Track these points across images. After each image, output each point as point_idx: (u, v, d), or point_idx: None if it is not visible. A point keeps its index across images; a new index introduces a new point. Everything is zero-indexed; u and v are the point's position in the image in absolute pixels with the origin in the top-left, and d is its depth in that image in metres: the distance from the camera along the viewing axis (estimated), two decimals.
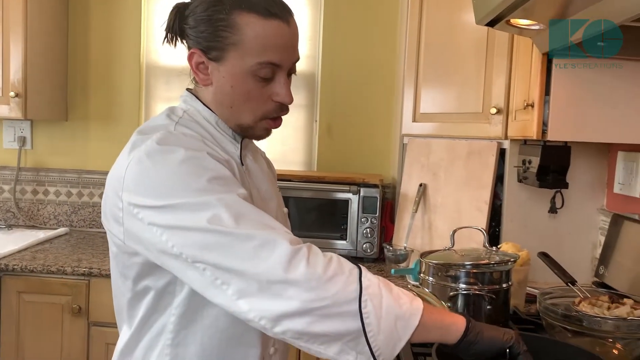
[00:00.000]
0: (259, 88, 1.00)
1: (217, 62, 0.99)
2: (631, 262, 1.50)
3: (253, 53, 0.97)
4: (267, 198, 1.12)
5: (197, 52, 1.00)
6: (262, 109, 1.02)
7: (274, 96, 1.01)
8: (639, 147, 1.68)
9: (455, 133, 2.13)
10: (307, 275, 0.83)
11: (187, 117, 1.03)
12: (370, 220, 2.33)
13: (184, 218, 0.86)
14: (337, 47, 2.69)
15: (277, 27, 0.97)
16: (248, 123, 1.03)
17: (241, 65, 0.98)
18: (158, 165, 0.90)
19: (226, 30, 0.96)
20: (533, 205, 1.95)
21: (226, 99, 1.02)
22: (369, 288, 0.86)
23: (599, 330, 1.18)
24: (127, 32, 2.73)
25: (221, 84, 1.01)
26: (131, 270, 0.98)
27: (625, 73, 1.54)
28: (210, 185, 0.89)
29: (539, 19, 1.35)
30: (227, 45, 0.97)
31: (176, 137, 0.95)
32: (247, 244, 0.85)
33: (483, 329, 0.93)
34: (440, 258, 1.38)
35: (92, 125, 2.76)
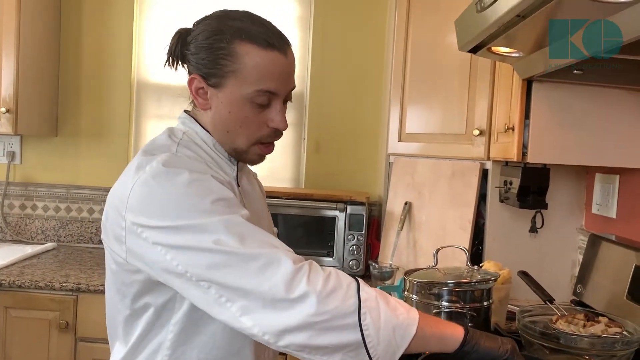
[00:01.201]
0: (255, 114, 1.04)
1: (216, 88, 1.04)
2: (607, 281, 1.55)
3: (251, 81, 1.01)
4: (260, 218, 1.16)
5: (198, 77, 1.04)
6: (256, 134, 1.06)
7: (269, 122, 1.06)
8: (615, 169, 1.75)
9: (439, 153, 2.18)
10: (308, 291, 0.87)
11: (187, 139, 1.07)
12: (357, 238, 2.37)
13: (190, 238, 0.90)
14: (325, 67, 2.75)
15: (275, 57, 1.02)
16: (242, 147, 1.08)
17: (239, 92, 1.02)
18: (164, 186, 0.94)
19: (226, 58, 1.01)
20: (514, 225, 2.00)
21: (223, 124, 1.06)
22: (367, 301, 0.90)
23: (575, 347, 1.22)
24: (119, 48, 2.76)
25: (219, 109, 1.05)
26: (131, 287, 1.00)
27: (602, 99, 1.60)
28: (214, 206, 0.92)
29: (519, 47, 1.41)
30: (227, 73, 1.02)
31: (180, 160, 0.99)
32: (253, 264, 0.89)
33: (480, 340, 0.97)
34: (424, 276, 1.42)
35: (82, 141, 2.78)
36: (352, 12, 2.74)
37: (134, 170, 0.97)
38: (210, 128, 1.08)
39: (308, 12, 2.78)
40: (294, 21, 2.79)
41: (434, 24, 2.18)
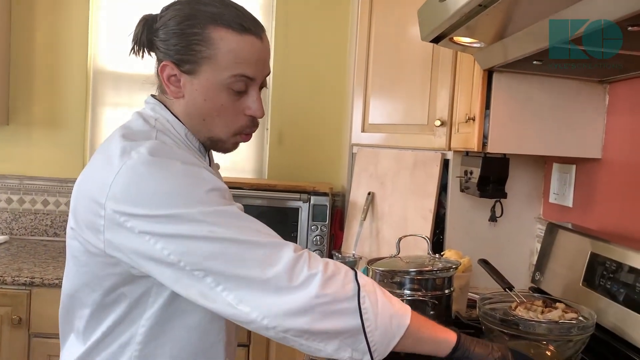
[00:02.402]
0: (232, 102, 1.01)
1: (190, 75, 1.00)
2: (564, 268, 1.59)
3: (227, 66, 0.98)
4: None
5: (170, 64, 1.00)
6: (235, 123, 1.03)
7: (246, 110, 1.03)
8: (572, 159, 1.79)
9: (401, 144, 2.19)
10: (309, 276, 0.88)
11: (160, 126, 1.03)
12: (320, 228, 2.36)
13: (185, 228, 0.87)
14: (288, 57, 2.72)
15: (251, 42, 1.00)
16: (220, 137, 1.05)
17: (215, 79, 0.99)
18: (155, 175, 0.89)
19: (200, 44, 0.97)
20: (475, 214, 2.03)
21: (199, 112, 1.02)
22: (365, 286, 0.92)
23: (533, 333, 1.24)
24: (74, 35, 2.67)
25: (194, 97, 1.01)
26: (105, 280, 0.95)
27: (560, 90, 1.64)
28: (208, 196, 0.90)
29: (481, 37, 1.43)
30: (201, 59, 0.98)
31: (167, 147, 0.95)
32: (253, 252, 0.88)
33: (472, 346, 0.98)
34: (386, 265, 1.42)
35: (35, 130, 2.68)
36: (315, 1, 2.72)
37: (119, 156, 0.91)
38: (183, 117, 1.04)
39: (271, 0, 2.74)
40: (257, 9, 2.75)
41: (397, 14, 2.18)
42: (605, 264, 1.39)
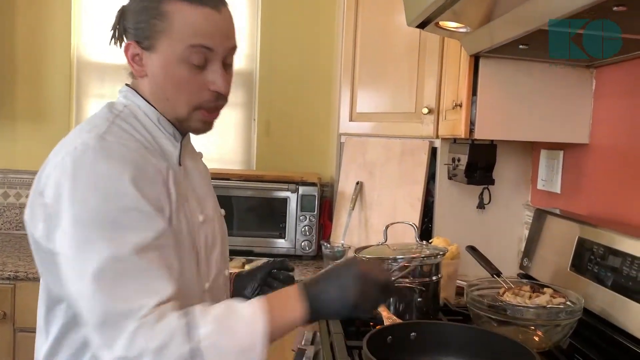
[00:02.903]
0: (192, 76, 0.99)
1: (149, 51, 0.99)
2: (552, 254, 1.58)
3: (182, 38, 0.96)
4: (204, 199, 1.11)
5: (132, 43, 1.00)
6: (196, 98, 1.00)
7: (209, 85, 1.00)
8: (559, 145, 1.78)
9: (389, 132, 2.18)
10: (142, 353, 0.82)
11: (127, 112, 1.01)
12: (309, 219, 2.35)
13: (80, 242, 0.86)
14: (275, 46, 2.70)
15: (206, 13, 0.98)
16: (183, 114, 1.02)
17: (172, 52, 0.97)
18: (76, 176, 0.88)
19: (156, 18, 0.97)
20: (463, 202, 2.02)
21: (161, 90, 1.01)
22: (203, 341, 0.84)
23: (521, 318, 1.24)
24: (57, 25, 2.62)
25: (155, 73, 1.00)
26: (50, 273, 0.94)
27: (547, 75, 1.62)
28: (119, 216, 0.86)
29: (467, 21, 1.41)
30: (157, 33, 0.97)
31: (107, 145, 0.91)
32: (95, 311, 0.84)
33: (324, 305, 0.94)
34: (373, 252, 1.41)
35: (19, 123, 2.63)
36: None
37: (59, 147, 0.93)
38: (151, 99, 1.02)
39: None
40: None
41: (384, 3, 2.16)
42: (593, 249, 1.39)
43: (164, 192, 0.94)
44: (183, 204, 1.00)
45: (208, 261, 1.07)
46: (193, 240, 1.02)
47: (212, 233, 1.09)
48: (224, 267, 1.16)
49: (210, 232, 1.08)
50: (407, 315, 1.35)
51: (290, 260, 2.30)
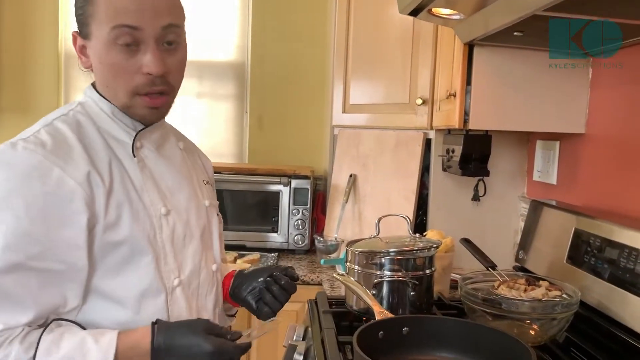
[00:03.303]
0: (124, 60, 0.94)
1: (87, 39, 0.97)
2: (548, 246, 1.55)
3: (107, 19, 0.92)
4: (174, 190, 1.06)
5: (76, 35, 0.98)
6: (131, 83, 0.96)
7: (143, 68, 0.95)
8: (555, 135, 1.75)
9: (383, 124, 2.14)
10: None
11: (79, 110, 1.00)
12: (302, 212, 2.32)
13: None
14: (266, 37, 2.65)
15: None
16: (124, 101, 0.98)
17: (101, 36, 0.94)
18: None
19: (86, 4, 0.94)
20: (457, 194, 1.99)
21: (102, 78, 0.99)
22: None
23: (516, 312, 1.21)
24: (44, 17, 2.58)
25: (95, 62, 0.98)
26: None
27: (542, 63, 1.59)
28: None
29: (460, 8, 1.37)
30: (87, 18, 0.95)
31: (11, 155, 0.89)
32: None
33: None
34: (366, 246, 1.38)
35: (4, 117, 2.59)
36: None
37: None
38: (101, 91, 1.00)
39: None
40: None
41: None
42: (590, 241, 1.36)
43: (74, 201, 0.90)
44: (131, 196, 0.97)
45: (180, 255, 1.03)
46: (151, 233, 0.98)
47: (184, 225, 1.05)
48: (208, 261, 1.11)
49: (180, 224, 1.04)
50: (400, 310, 1.31)
51: (283, 255, 2.30)
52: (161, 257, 0.99)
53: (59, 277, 0.89)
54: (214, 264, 1.14)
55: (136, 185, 0.99)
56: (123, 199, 0.96)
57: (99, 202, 0.92)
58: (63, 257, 0.89)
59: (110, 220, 0.93)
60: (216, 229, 1.18)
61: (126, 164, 0.99)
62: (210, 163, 1.29)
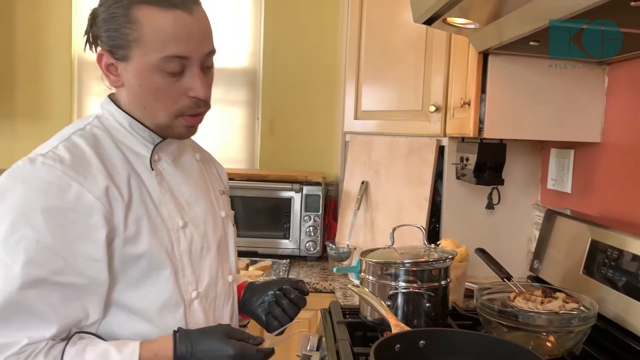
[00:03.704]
0: (169, 84, 0.95)
1: (124, 61, 0.95)
2: (563, 256, 1.54)
3: (156, 47, 0.92)
4: (191, 202, 1.07)
5: (105, 53, 0.96)
6: (175, 106, 0.97)
7: (188, 91, 0.96)
8: (570, 144, 1.74)
9: (395, 130, 2.14)
10: None
11: (96, 123, 1.00)
12: (313, 219, 2.31)
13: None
14: (278, 44, 2.66)
15: (177, 17, 0.92)
16: (165, 122, 0.99)
17: (146, 62, 0.93)
18: (1, 195, 0.89)
19: (127, 27, 0.92)
20: (471, 202, 1.98)
21: (138, 99, 0.98)
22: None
23: (533, 324, 1.20)
24: (57, 23, 2.59)
25: (131, 84, 0.97)
26: None
27: (557, 73, 1.58)
28: (20, 245, 0.86)
29: (475, 18, 1.37)
30: (130, 42, 0.93)
31: (31, 171, 0.90)
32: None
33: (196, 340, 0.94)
34: (380, 256, 1.37)
35: (18, 122, 2.61)
36: None
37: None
38: (128, 107, 1.00)
39: None
40: None
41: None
42: (607, 252, 1.35)
43: (92, 216, 0.90)
44: (149, 210, 0.97)
45: (197, 267, 1.04)
46: (169, 246, 0.98)
47: (202, 237, 1.06)
48: (224, 273, 1.12)
49: (197, 237, 1.05)
50: (415, 321, 1.31)
51: (294, 262, 2.30)
52: (179, 270, 1.00)
53: (80, 291, 0.90)
54: (229, 275, 1.14)
55: (154, 198, 0.99)
56: (142, 212, 0.96)
57: (117, 217, 0.93)
58: (84, 271, 0.90)
59: (129, 234, 0.93)
60: (232, 240, 1.19)
61: (144, 177, 0.99)
62: (225, 172, 1.29)
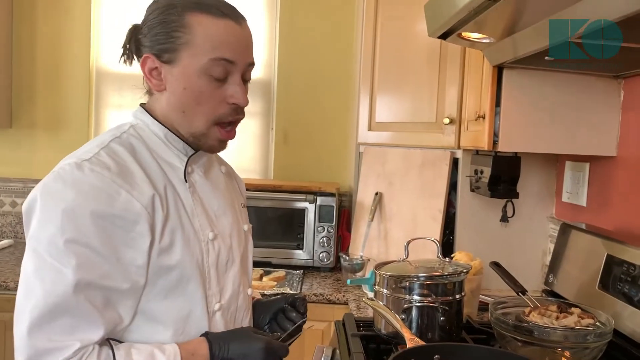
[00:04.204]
0: (212, 89, 0.98)
1: (170, 64, 0.98)
2: (578, 271, 1.54)
3: (205, 50, 0.96)
4: (220, 214, 1.08)
5: (151, 57, 0.99)
6: (215, 112, 1.00)
7: (228, 98, 0.99)
8: (585, 157, 1.73)
9: (409, 142, 2.14)
10: None
11: (132, 132, 1.01)
12: (327, 229, 2.32)
13: (29, 262, 0.90)
14: (293, 55, 2.68)
15: (228, 26, 0.98)
16: (201, 129, 1.01)
17: (194, 64, 0.96)
18: (42, 205, 0.90)
19: (179, 30, 0.96)
20: (485, 214, 1.98)
21: (179, 103, 1.00)
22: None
23: (548, 340, 1.19)
24: (76, 37, 2.64)
25: (174, 87, 0.99)
26: None
27: (573, 86, 1.58)
28: (67, 248, 0.87)
29: (490, 32, 1.37)
30: (180, 45, 0.96)
31: (79, 176, 0.91)
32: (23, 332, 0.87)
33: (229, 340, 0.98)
34: (395, 270, 1.38)
35: (38, 132, 2.66)
36: None
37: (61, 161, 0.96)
38: (165, 113, 1.02)
39: None
40: (261, 8, 2.71)
41: (404, 11, 2.13)
42: (623, 267, 1.34)
43: (138, 224, 0.92)
44: (183, 221, 0.99)
45: (222, 280, 1.05)
46: (200, 258, 1.00)
47: (228, 250, 1.07)
48: (245, 286, 1.13)
49: (224, 249, 1.06)
50: (429, 334, 1.31)
51: (308, 272, 2.30)
52: (206, 282, 1.01)
53: (121, 295, 0.91)
54: (249, 287, 1.16)
55: (188, 210, 1.01)
56: (177, 224, 0.97)
57: (157, 226, 0.95)
58: (128, 276, 0.91)
59: (164, 244, 0.95)
60: (251, 254, 1.20)
61: (178, 189, 1.01)
62: (244, 185, 1.31)
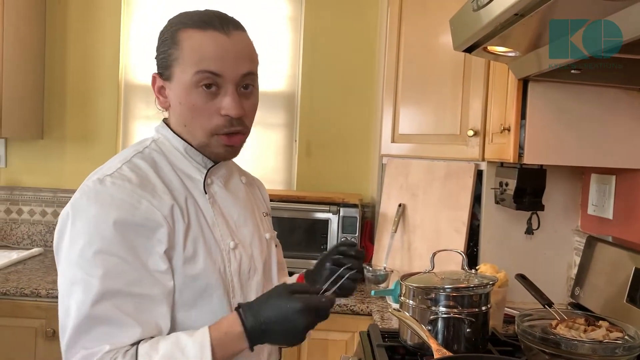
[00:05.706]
0: (204, 102, 1.00)
1: (169, 81, 1.03)
2: (606, 284, 1.53)
3: (192, 64, 0.99)
4: (240, 224, 1.11)
5: (156, 76, 1.05)
6: (210, 123, 1.02)
7: (221, 110, 1.01)
8: (611, 170, 1.73)
9: (433, 154, 2.15)
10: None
11: (154, 147, 1.06)
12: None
13: (60, 268, 0.96)
14: (316, 68, 2.71)
15: (213, 37, 1.00)
16: (202, 140, 1.04)
17: (184, 79, 1.00)
18: (72, 222, 0.95)
19: (171, 47, 1.01)
20: (510, 227, 1.97)
21: (180, 118, 1.04)
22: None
23: (575, 353, 1.19)
24: (106, 49, 2.71)
25: (174, 103, 1.04)
26: None
27: (598, 99, 1.58)
28: (94, 259, 0.91)
29: (515, 46, 1.39)
30: (172, 62, 1.01)
31: (102, 190, 0.95)
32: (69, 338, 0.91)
33: (269, 337, 0.94)
34: (421, 281, 1.39)
35: (68, 144, 2.72)
36: (343, 11, 2.71)
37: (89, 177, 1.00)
38: (176, 129, 1.07)
39: (299, 12, 2.74)
40: (285, 21, 2.75)
41: (427, 23, 2.15)
42: None
43: (157, 232, 0.96)
44: (204, 231, 1.02)
45: (245, 288, 1.08)
46: (222, 267, 1.02)
47: (249, 258, 1.09)
48: None
49: (246, 258, 1.08)
50: (455, 346, 1.31)
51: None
52: (230, 291, 1.04)
53: (153, 302, 0.94)
54: None
55: (208, 220, 1.04)
56: (198, 234, 1.01)
57: (178, 236, 0.98)
58: (155, 281, 0.95)
59: (188, 254, 0.98)
60: (275, 261, 1.22)
61: (199, 200, 1.04)
62: (267, 194, 1.34)
